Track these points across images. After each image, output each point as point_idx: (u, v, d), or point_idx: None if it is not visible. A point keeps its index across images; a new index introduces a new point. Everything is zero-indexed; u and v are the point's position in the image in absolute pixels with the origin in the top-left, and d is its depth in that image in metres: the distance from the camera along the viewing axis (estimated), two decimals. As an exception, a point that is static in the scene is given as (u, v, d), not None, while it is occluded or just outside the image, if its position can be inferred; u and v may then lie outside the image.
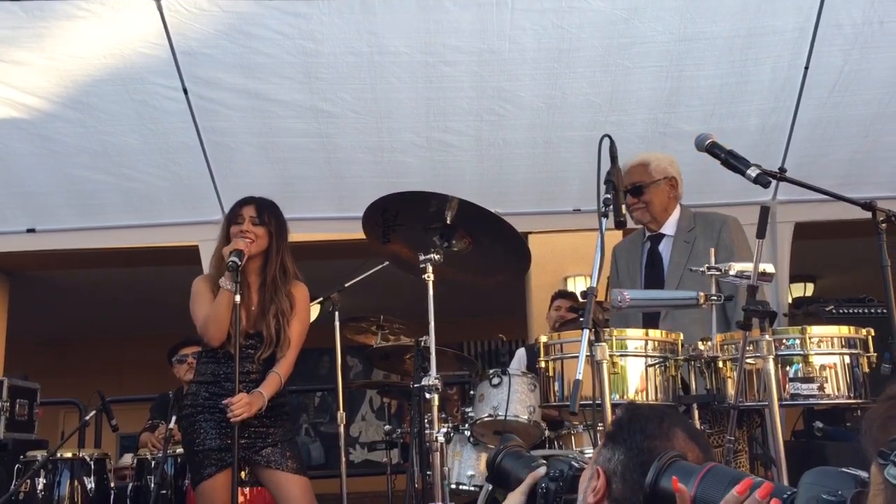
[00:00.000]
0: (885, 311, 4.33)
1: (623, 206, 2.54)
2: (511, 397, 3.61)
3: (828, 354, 2.62)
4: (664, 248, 3.48)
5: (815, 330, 2.64)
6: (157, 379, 6.53)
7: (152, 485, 4.25)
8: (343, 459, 4.69)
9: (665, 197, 3.48)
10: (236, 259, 3.22)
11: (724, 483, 1.27)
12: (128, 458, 4.95)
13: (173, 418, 3.96)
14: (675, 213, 3.51)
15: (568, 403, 2.40)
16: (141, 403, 6.04)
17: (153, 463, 4.35)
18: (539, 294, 6.48)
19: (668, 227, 3.50)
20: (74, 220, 5.08)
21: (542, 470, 1.68)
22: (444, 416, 3.53)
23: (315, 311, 8.74)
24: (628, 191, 3.27)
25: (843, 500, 1.08)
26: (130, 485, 4.39)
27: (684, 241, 3.39)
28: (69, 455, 4.35)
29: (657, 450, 1.39)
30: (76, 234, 5.17)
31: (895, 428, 0.98)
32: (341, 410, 4.72)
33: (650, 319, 3.24)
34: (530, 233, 5.69)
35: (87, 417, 4.46)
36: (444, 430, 3.00)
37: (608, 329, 2.58)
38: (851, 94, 4.37)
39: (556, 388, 2.76)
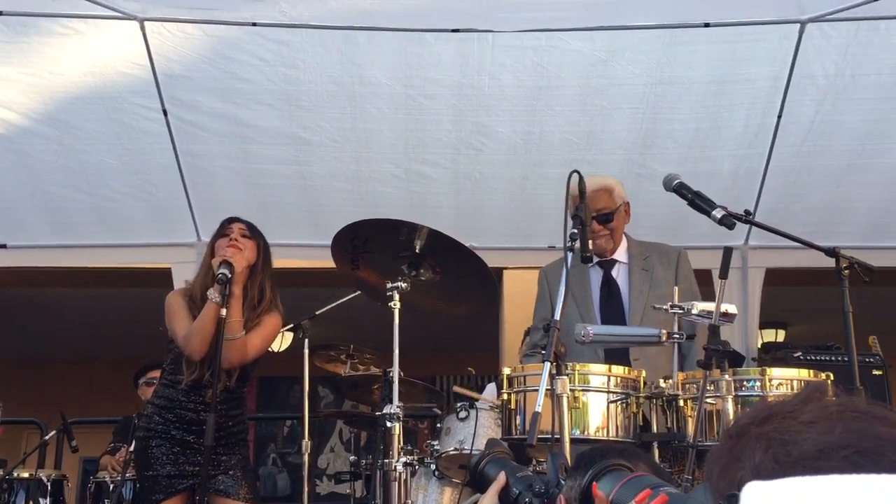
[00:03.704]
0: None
1: (590, 243, 2.56)
2: (477, 431, 3.58)
3: (787, 397, 2.63)
4: (618, 274, 3.38)
5: (775, 372, 2.65)
6: (124, 402, 6.45)
7: (109, 508, 4.17)
8: (306, 489, 4.63)
9: (623, 224, 3.39)
10: (226, 271, 3.16)
11: (637, 489, 1.29)
12: None
13: (133, 440, 3.91)
14: (624, 240, 3.42)
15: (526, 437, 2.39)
16: (105, 426, 5.95)
17: (111, 486, 4.28)
18: (512, 329, 6.46)
19: (620, 254, 3.39)
20: (47, 237, 5.05)
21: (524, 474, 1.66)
22: (410, 448, 3.50)
23: (287, 339, 8.70)
24: (594, 218, 3.15)
25: None
26: (87, 507, 4.32)
27: (643, 269, 3.32)
28: (26, 475, 4.27)
29: None
30: (48, 251, 5.14)
31: (735, 471, 0.87)
32: (306, 439, 4.67)
33: (619, 350, 3.19)
34: (505, 268, 5.71)
35: (47, 437, 4.40)
36: (405, 459, 2.97)
37: (571, 363, 2.58)
38: (823, 144, 4.45)
39: (518, 422, 2.75)
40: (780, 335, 8.70)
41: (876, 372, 4.60)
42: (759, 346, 5.29)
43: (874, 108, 4.26)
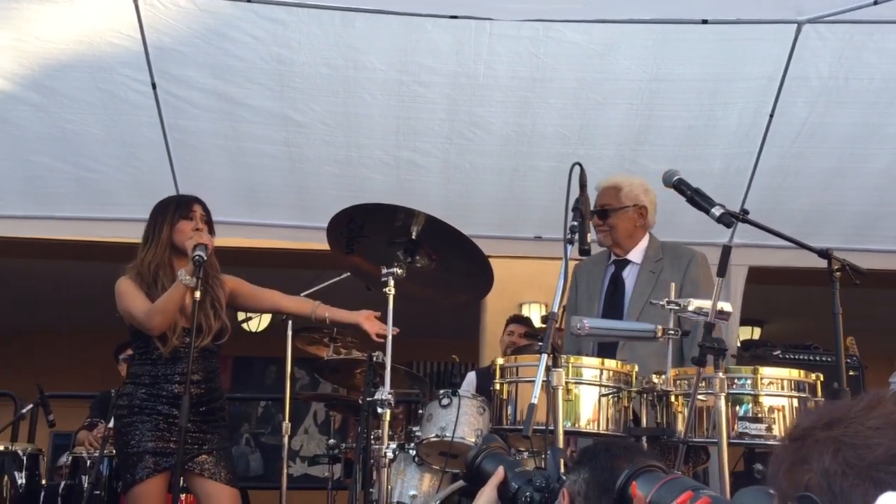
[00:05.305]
0: (828, 358, 4.44)
1: (588, 235, 2.56)
2: (460, 419, 3.59)
3: (777, 396, 2.67)
4: (628, 274, 3.47)
5: (767, 371, 2.68)
6: (100, 376, 6.38)
7: (86, 484, 4.12)
8: (285, 471, 4.62)
9: (631, 224, 3.47)
10: (202, 254, 3.15)
11: (677, 491, 1.29)
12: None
13: (112, 418, 3.86)
14: (644, 241, 3.50)
15: (521, 427, 2.40)
16: (80, 400, 5.89)
17: (88, 462, 4.23)
18: (494, 318, 6.49)
19: (635, 255, 3.48)
20: (26, 208, 4.96)
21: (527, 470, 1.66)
22: (389, 433, 3.50)
23: (266, 319, 8.63)
24: (595, 212, 3.25)
25: None
26: (63, 483, 4.26)
27: (650, 270, 3.39)
28: (1, 448, 4.21)
29: (620, 469, 1.41)
30: (26, 221, 5.05)
31: (802, 473, 0.91)
32: (287, 421, 4.65)
33: (607, 347, 3.25)
34: (490, 256, 5.68)
35: (24, 411, 4.33)
36: (394, 445, 2.97)
37: (565, 356, 2.59)
38: (813, 146, 4.48)
39: (509, 412, 2.76)
40: (757, 332, 8.81)
41: (852, 373, 4.65)
42: (738, 343, 5.34)
43: (865, 112, 4.29)
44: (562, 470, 1.60)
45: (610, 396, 2.66)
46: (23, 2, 3.83)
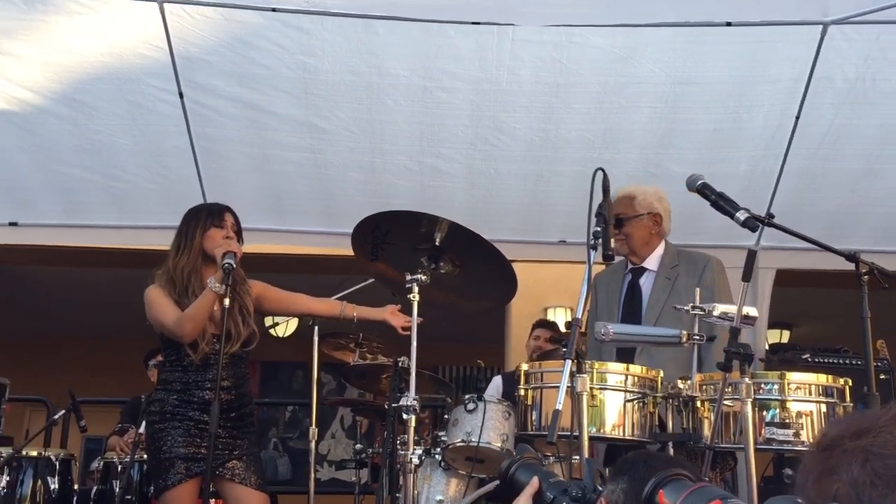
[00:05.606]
0: (859, 362, 4.40)
1: (612, 240, 2.56)
2: (485, 424, 3.59)
3: (805, 401, 2.65)
4: (645, 282, 3.52)
5: (794, 376, 2.66)
6: (130, 382, 6.46)
7: (117, 489, 4.18)
8: (313, 475, 4.65)
9: (647, 232, 3.53)
10: (231, 261, 3.20)
11: (705, 500, 1.29)
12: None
13: (143, 423, 3.91)
14: (660, 249, 3.55)
15: (545, 433, 2.40)
16: (111, 406, 5.97)
17: (119, 467, 4.29)
18: (519, 322, 6.49)
19: (651, 262, 3.54)
20: (58, 217, 5.04)
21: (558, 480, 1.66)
22: (415, 438, 3.51)
23: (293, 324, 8.68)
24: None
25: None
26: (95, 488, 4.32)
27: (666, 277, 3.44)
28: (34, 454, 4.28)
29: None
30: (59, 230, 5.13)
31: (830, 483, 0.90)
32: (314, 426, 4.68)
33: (625, 353, 3.26)
34: (514, 261, 5.68)
35: (56, 416, 4.39)
36: (419, 451, 2.98)
37: (590, 361, 2.59)
38: (840, 148, 4.44)
39: (534, 417, 2.76)
40: (786, 336, 8.73)
41: (882, 376, 4.60)
42: (767, 346, 5.30)
43: (892, 112, 4.24)
44: (598, 481, 1.59)
45: (635, 402, 2.66)
46: (51, 15, 3.89)
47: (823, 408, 2.67)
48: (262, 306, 3.59)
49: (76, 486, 4.42)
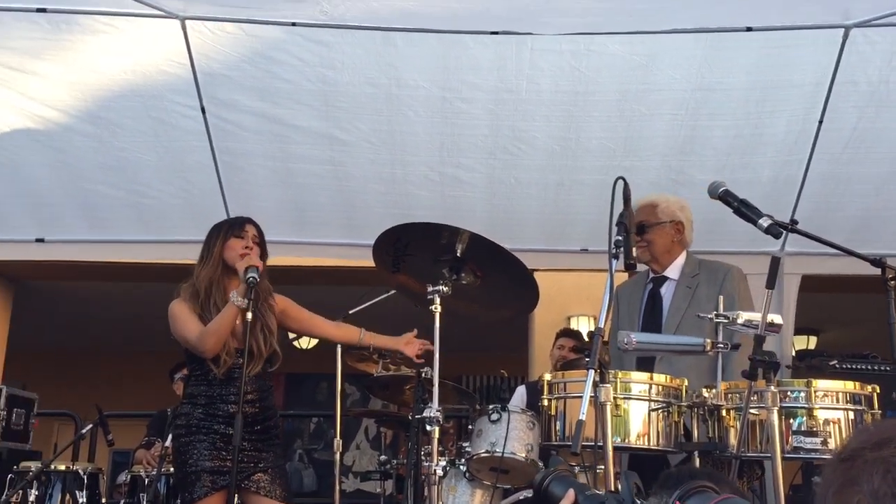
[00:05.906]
0: (887, 368, 4.33)
1: (633, 249, 2.55)
2: (509, 434, 3.58)
3: (832, 409, 2.62)
4: (666, 291, 3.53)
5: (821, 384, 2.63)
6: (156, 395, 6.51)
7: (144, 502, 4.21)
8: (338, 487, 4.65)
9: (668, 240, 3.54)
10: (255, 275, 3.19)
11: None
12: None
13: (170, 436, 3.94)
14: (681, 258, 3.55)
15: (570, 443, 2.39)
16: (138, 419, 6.01)
17: (146, 481, 4.32)
18: (542, 331, 6.47)
19: (672, 271, 3.55)
20: (84, 233, 5.10)
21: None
22: (440, 449, 3.51)
23: (316, 336, 8.64)
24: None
25: None
26: (123, 501, 4.36)
27: (686, 286, 3.45)
28: (63, 468, 4.32)
29: None
30: (85, 245, 5.19)
31: (851, 495, 0.90)
32: (338, 437, 4.69)
33: (645, 363, 3.24)
34: (536, 270, 5.66)
35: (84, 430, 4.43)
36: (443, 463, 2.98)
37: (613, 371, 2.57)
38: (864, 152, 4.39)
39: (558, 428, 2.75)
40: (812, 342, 8.63)
41: (910, 382, 4.53)
42: (794, 353, 5.24)
43: (917, 116, 4.20)
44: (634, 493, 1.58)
45: (660, 411, 2.64)
46: (75, 34, 3.95)
47: (851, 415, 2.63)
48: (284, 323, 3.59)
49: (104, 500, 4.46)
